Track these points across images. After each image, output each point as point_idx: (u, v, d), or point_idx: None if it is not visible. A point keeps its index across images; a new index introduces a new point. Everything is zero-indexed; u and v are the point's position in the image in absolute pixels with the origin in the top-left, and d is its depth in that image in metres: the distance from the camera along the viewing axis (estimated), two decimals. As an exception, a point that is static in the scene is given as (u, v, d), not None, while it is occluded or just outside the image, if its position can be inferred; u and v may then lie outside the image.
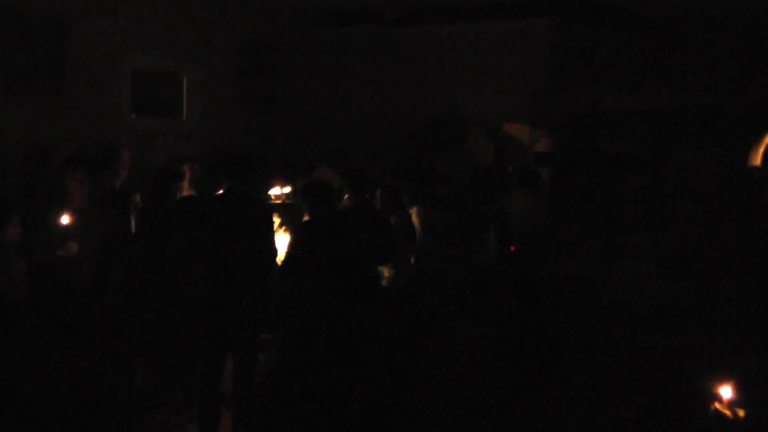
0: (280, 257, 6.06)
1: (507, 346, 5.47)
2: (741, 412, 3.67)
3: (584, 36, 9.85)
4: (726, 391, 3.73)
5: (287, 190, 7.65)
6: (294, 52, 10.39)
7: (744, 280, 6.99)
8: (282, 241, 6.23)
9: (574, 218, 8.81)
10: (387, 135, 10.11)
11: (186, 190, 6.67)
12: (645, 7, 9.76)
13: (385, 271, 6.23)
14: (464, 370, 5.25)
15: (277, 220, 6.56)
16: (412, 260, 6.51)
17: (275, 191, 7.52)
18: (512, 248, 6.46)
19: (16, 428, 4.40)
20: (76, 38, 8.16)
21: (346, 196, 6.70)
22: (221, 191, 6.25)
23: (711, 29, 10.16)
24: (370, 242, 5.87)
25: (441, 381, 5.04)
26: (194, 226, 5.54)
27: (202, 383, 5.07)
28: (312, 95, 10.48)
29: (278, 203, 7.43)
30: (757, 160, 8.63)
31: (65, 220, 5.52)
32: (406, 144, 9.98)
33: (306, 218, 6.61)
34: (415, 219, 6.62)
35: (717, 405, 3.70)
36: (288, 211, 7.15)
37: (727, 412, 3.67)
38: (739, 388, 3.77)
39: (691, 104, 8.65)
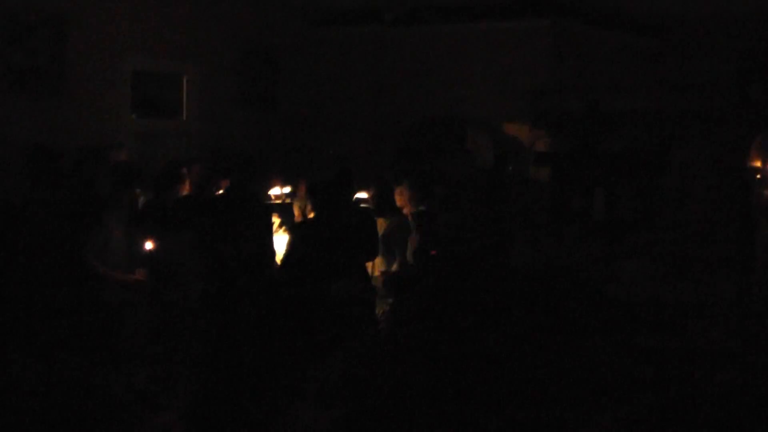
0: (280, 256, 6.07)
1: (509, 347, 5.47)
2: None
3: (584, 36, 9.85)
4: None
5: (287, 190, 7.65)
6: (294, 53, 10.39)
7: (744, 280, 6.99)
8: (281, 241, 6.24)
9: (574, 218, 8.81)
10: (387, 135, 10.11)
11: (187, 191, 6.68)
12: (645, 7, 9.76)
13: (376, 270, 6.25)
14: (469, 372, 5.25)
15: (277, 220, 6.58)
16: (411, 260, 6.51)
17: (275, 191, 7.52)
18: (433, 252, 6.26)
19: (16, 428, 4.40)
20: (76, 38, 8.16)
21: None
22: (221, 191, 6.26)
23: (710, 29, 10.16)
24: (360, 240, 5.89)
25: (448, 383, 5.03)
26: (193, 225, 5.56)
27: (199, 383, 5.08)
28: (312, 95, 10.48)
29: (278, 203, 7.44)
30: (757, 160, 8.63)
31: (149, 245, 5.52)
32: (405, 144, 9.98)
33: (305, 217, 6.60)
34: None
35: None
36: (288, 211, 7.16)
37: None
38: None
39: (691, 104, 8.65)
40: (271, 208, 6.15)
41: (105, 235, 5.58)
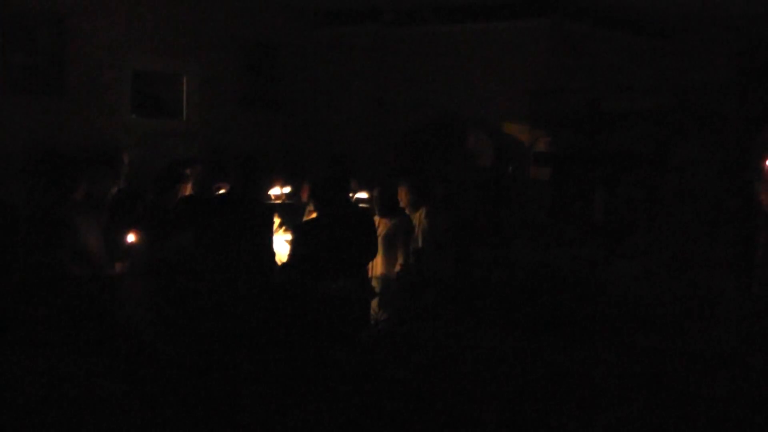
0: (282, 257, 6.08)
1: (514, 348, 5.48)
2: None
3: (584, 36, 9.86)
4: None
5: (287, 190, 7.66)
6: (294, 52, 10.39)
7: (744, 280, 6.99)
8: (282, 241, 6.25)
9: (574, 218, 8.81)
10: (387, 135, 10.12)
11: (188, 191, 6.68)
12: (645, 7, 9.77)
13: (376, 270, 6.26)
14: (470, 372, 5.26)
15: (277, 220, 6.58)
16: (412, 259, 6.52)
17: (275, 191, 7.53)
18: None
19: (16, 428, 4.40)
20: (76, 38, 8.17)
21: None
22: (221, 192, 6.26)
23: (711, 29, 10.16)
24: (359, 240, 5.90)
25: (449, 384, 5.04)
26: (193, 226, 5.57)
27: (199, 383, 5.08)
28: (312, 95, 10.48)
29: (278, 203, 7.44)
30: (758, 159, 8.64)
31: (131, 238, 5.47)
32: (406, 144, 9.98)
33: (307, 217, 6.61)
34: (423, 219, 6.64)
35: None
36: (288, 211, 7.16)
37: None
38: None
39: (691, 104, 8.65)
40: (271, 209, 6.14)
41: (76, 234, 5.52)
